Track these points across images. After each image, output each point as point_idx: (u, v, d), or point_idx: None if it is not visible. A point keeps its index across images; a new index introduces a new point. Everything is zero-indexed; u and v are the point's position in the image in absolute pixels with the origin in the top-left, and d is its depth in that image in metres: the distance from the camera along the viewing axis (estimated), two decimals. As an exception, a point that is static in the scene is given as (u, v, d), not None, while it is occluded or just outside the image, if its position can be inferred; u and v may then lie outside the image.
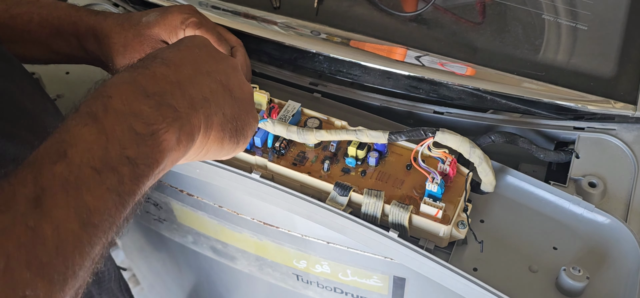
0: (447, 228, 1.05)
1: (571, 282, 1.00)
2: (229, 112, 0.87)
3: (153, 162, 0.74)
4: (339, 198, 1.09)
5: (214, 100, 0.84)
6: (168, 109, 0.77)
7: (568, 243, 1.09)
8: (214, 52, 0.91)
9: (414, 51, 1.31)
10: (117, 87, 0.75)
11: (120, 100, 0.73)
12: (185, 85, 0.81)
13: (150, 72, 0.79)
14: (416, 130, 1.10)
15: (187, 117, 0.79)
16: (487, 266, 1.06)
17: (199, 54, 0.88)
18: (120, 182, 0.71)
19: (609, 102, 1.23)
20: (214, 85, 0.85)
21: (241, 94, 0.90)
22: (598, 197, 1.14)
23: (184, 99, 0.80)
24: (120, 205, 0.71)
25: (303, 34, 1.35)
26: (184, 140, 0.78)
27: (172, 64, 0.82)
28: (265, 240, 1.29)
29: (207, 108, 0.83)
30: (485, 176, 1.09)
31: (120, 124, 0.72)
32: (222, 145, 0.87)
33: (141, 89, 0.76)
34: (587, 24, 1.33)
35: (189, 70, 0.83)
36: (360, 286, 1.26)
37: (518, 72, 1.26)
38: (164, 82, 0.79)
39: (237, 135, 0.89)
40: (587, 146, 1.22)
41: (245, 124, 0.90)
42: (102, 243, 0.71)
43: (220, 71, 0.88)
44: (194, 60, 0.86)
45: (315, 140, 1.16)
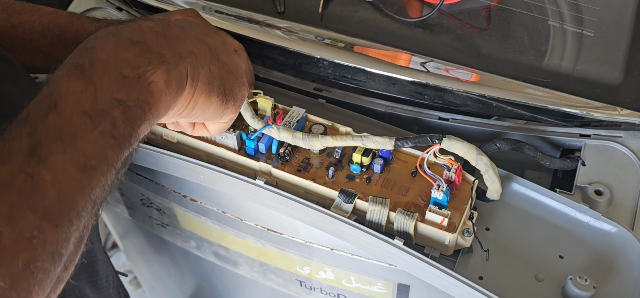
0: (452, 236, 1.04)
1: (578, 291, 0.99)
2: (216, 71, 0.91)
3: (144, 104, 0.78)
4: (344, 205, 1.09)
5: (200, 55, 0.88)
6: (154, 55, 0.81)
7: (574, 252, 1.08)
8: (205, 25, 0.97)
9: (419, 57, 1.30)
10: (101, 39, 0.79)
11: (105, 50, 0.77)
12: (171, 39, 0.85)
13: (136, 25, 0.83)
14: (422, 136, 1.09)
15: (174, 63, 0.83)
16: (492, 274, 1.06)
17: (189, 23, 0.93)
18: (113, 125, 0.74)
19: (616, 109, 1.22)
20: (201, 46, 0.90)
21: (229, 61, 0.95)
22: (604, 205, 1.14)
23: (170, 49, 0.83)
24: (116, 147, 0.75)
25: (307, 39, 1.35)
26: (173, 84, 0.82)
27: (159, 21, 0.86)
28: (269, 246, 1.29)
29: (194, 60, 0.87)
30: (492, 183, 1.09)
31: (107, 71, 0.75)
32: (210, 99, 0.91)
33: (125, 38, 0.80)
34: (593, 30, 1.33)
35: (176, 30, 0.87)
36: (364, 293, 1.26)
37: (524, 79, 1.25)
38: (149, 33, 0.83)
39: (226, 95, 0.93)
40: (593, 153, 1.21)
41: (235, 86, 0.95)
42: (102, 185, 0.74)
43: (208, 40, 0.93)
44: (183, 26, 0.90)
45: (321, 146, 1.15)
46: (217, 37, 0.97)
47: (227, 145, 1.18)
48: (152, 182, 1.34)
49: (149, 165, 1.23)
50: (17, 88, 1.01)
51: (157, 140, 1.23)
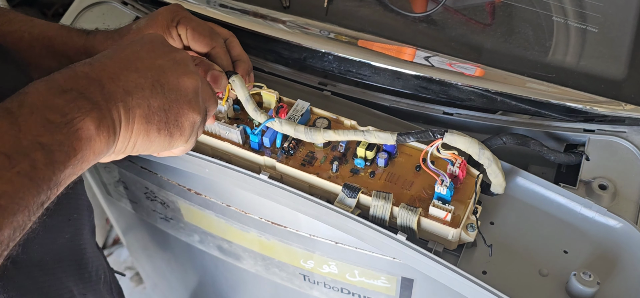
0: (456, 231, 1.04)
1: (581, 287, 0.99)
2: (156, 104, 0.89)
3: (70, 150, 0.78)
4: (347, 200, 1.09)
5: (137, 93, 0.87)
6: (85, 101, 0.80)
7: (579, 247, 1.08)
8: (159, 45, 0.94)
9: (423, 51, 1.30)
10: (35, 85, 0.79)
11: (36, 95, 0.77)
12: (105, 81, 0.84)
13: (70, 71, 0.83)
14: (425, 131, 1.09)
15: (106, 108, 0.82)
16: (496, 269, 1.06)
17: (137, 51, 0.91)
18: (32, 167, 0.74)
19: (620, 104, 1.22)
20: (140, 80, 0.88)
21: (177, 86, 0.92)
22: (608, 199, 1.14)
23: (102, 93, 0.83)
24: (33, 189, 0.74)
25: (312, 34, 1.35)
26: (104, 131, 0.82)
27: (97, 63, 0.86)
28: (273, 240, 1.29)
29: (129, 100, 0.86)
30: (495, 177, 1.09)
31: (34, 115, 0.75)
32: (149, 136, 0.90)
33: (57, 85, 0.80)
34: (597, 26, 1.33)
35: (114, 67, 0.87)
36: (368, 287, 1.26)
37: (528, 74, 1.26)
38: (83, 80, 0.82)
39: (169, 127, 0.91)
40: (597, 148, 1.21)
41: (180, 115, 0.92)
42: (12, 225, 0.72)
43: (155, 67, 0.91)
44: (126, 58, 0.89)
45: (323, 140, 1.15)
46: (168, 57, 0.94)
47: (231, 139, 1.18)
48: (156, 175, 1.34)
49: (154, 159, 1.23)
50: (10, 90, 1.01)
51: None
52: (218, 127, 1.19)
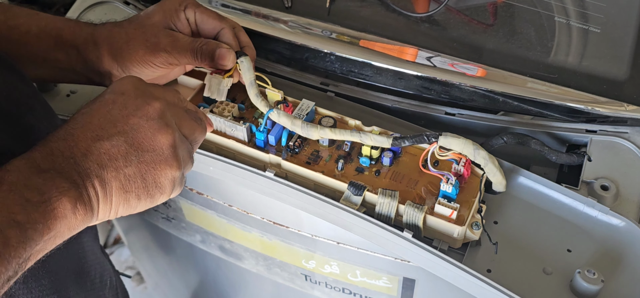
0: (461, 229, 1.05)
1: (586, 285, 1.00)
2: (131, 172, 0.87)
3: (44, 228, 0.78)
4: (353, 197, 1.09)
5: (112, 165, 0.86)
6: (62, 180, 0.80)
7: (582, 246, 1.09)
8: (130, 101, 0.91)
9: (425, 52, 1.31)
10: (16, 163, 0.79)
11: (17, 174, 0.78)
12: (78, 158, 0.83)
13: (47, 149, 0.82)
14: (419, 135, 1.10)
15: (83, 186, 0.82)
16: (501, 268, 1.06)
17: (109, 110, 0.89)
18: (5, 244, 0.74)
19: (622, 104, 1.23)
20: (113, 150, 0.86)
21: (152, 146, 0.89)
22: (610, 200, 1.14)
23: (77, 171, 0.83)
24: (2, 266, 0.74)
25: (314, 34, 1.35)
26: (81, 209, 0.82)
27: (69, 137, 0.85)
28: (275, 240, 1.29)
29: (103, 175, 0.85)
30: (494, 176, 1.09)
31: (12, 193, 0.76)
32: (129, 203, 0.89)
33: (36, 165, 0.80)
34: (600, 26, 1.33)
35: (86, 140, 0.85)
36: (369, 287, 1.26)
37: (530, 74, 1.26)
38: (59, 158, 0.82)
39: (149, 190, 0.90)
40: (599, 149, 1.22)
41: (159, 176, 0.90)
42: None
43: (127, 129, 0.88)
44: (98, 125, 0.87)
45: (319, 136, 1.15)
46: (141, 113, 0.90)
47: (237, 137, 1.18)
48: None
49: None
50: None
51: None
52: (224, 124, 1.19)
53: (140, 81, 0.94)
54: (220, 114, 1.20)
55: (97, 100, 0.91)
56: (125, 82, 0.93)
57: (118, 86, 0.92)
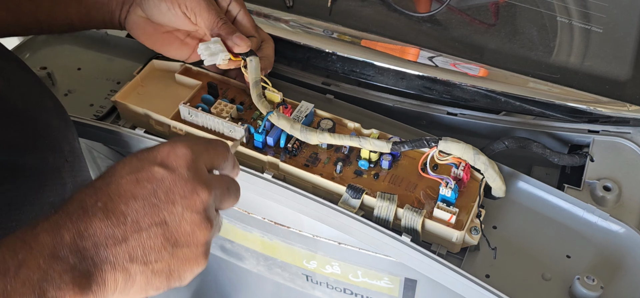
0: (460, 233, 1.04)
1: (585, 291, 0.99)
2: (160, 267, 0.80)
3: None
4: (351, 200, 1.09)
5: (142, 259, 0.78)
6: (82, 276, 0.74)
7: (582, 252, 1.08)
8: (179, 183, 0.82)
9: (427, 51, 1.30)
10: (42, 237, 0.73)
11: (38, 257, 0.71)
12: (111, 247, 0.76)
13: (82, 228, 0.75)
14: (419, 140, 1.10)
15: (105, 277, 0.76)
16: (499, 273, 1.06)
17: (154, 191, 0.81)
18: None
19: (624, 105, 1.22)
20: (149, 242, 0.79)
21: (188, 242, 0.82)
22: (613, 200, 1.14)
23: (103, 259, 0.76)
24: None
25: (316, 34, 1.35)
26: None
27: (110, 218, 0.77)
28: (276, 240, 1.29)
29: (130, 269, 0.78)
30: (493, 181, 1.09)
31: (25, 287, 0.70)
32: (146, 293, 0.82)
33: (64, 248, 0.73)
34: (602, 26, 1.33)
35: (128, 227, 0.78)
36: (371, 287, 1.26)
37: (532, 74, 1.26)
38: (90, 241, 0.75)
39: (170, 282, 0.82)
40: (601, 149, 1.22)
41: (184, 272, 0.82)
42: None
43: (170, 218, 0.81)
44: (143, 209, 0.79)
45: (317, 141, 1.15)
46: (188, 201, 0.82)
47: (235, 137, 1.18)
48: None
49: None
50: (6, 84, 1.00)
51: (165, 133, 1.24)
52: (222, 125, 1.19)
53: (197, 156, 0.85)
54: (219, 114, 1.20)
55: (145, 168, 0.82)
56: (180, 156, 0.84)
57: (172, 159, 0.83)
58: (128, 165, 0.82)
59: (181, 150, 0.84)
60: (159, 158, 0.83)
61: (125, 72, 1.38)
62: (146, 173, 0.81)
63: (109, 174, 0.81)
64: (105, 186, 0.79)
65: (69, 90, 1.35)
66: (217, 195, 0.86)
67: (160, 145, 0.85)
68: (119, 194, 0.79)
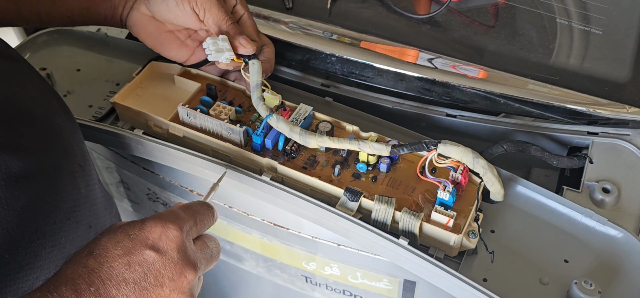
0: (457, 237, 1.04)
1: (583, 296, 0.99)
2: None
3: None
4: (349, 203, 1.09)
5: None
6: None
7: (580, 256, 1.08)
8: (170, 267, 0.85)
9: (426, 53, 1.31)
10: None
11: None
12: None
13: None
14: (418, 143, 1.09)
15: None
16: (497, 277, 1.06)
17: (145, 276, 0.83)
18: None
19: (624, 106, 1.23)
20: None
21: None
22: (612, 202, 1.14)
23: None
24: None
25: (315, 35, 1.35)
26: None
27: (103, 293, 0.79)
28: (275, 242, 1.29)
29: None
30: (492, 186, 1.09)
31: None
32: None
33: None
34: (602, 28, 1.33)
35: None
36: (370, 289, 1.26)
37: (531, 76, 1.26)
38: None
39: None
40: (600, 151, 1.22)
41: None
42: None
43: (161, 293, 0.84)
44: (133, 291, 0.82)
45: (317, 144, 1.15)
46: (172, 286, 0.85)
47: (233, 140, 1.18)
48: (158, 176, 1.34)
49: (156, 159, 1.23)
50: (21, 89, 1.00)
51: (164, 134, 1.24)
52: (220, 126, 1.19)
53: (184, 236, 0.88)
54: (217, 116, 1.20)
55: (137, 250, 0.83)
56: (170, 238, 0.86)
57: (163, 242, 0.85)
58: (120, 246, 0.83)
59: (172, 232, 0.86)
60: (150, 240, 0.85)
61: (125, 74, 1.38)
62: (137, 256, 0.83)
63: (101, 252, 0.82)
64: (98, 267, 0.80)
65: (68, 91, 1.36)
66: (202, 266, 0.90)
67: (152, 223, 0.86)
68: (111, 278, 0.80)
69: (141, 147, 1.22)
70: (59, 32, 1.50)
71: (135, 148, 1.23)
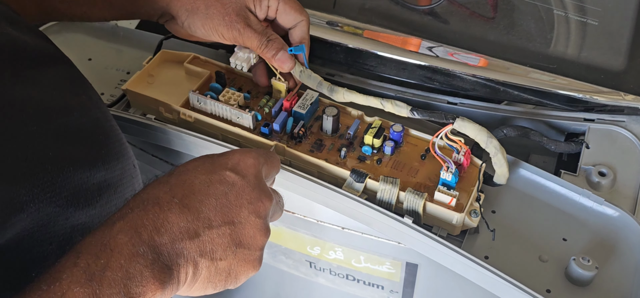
0: (460, 215, 1.07)
1: (580, 271, 1.02)
2: (223, 266, 0.85)
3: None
4: (355, 184, 1.12)
5: (210, 255, 0.83)
6: (161, 270, 0.77)
7: (578, 235, 1.11)
8: (247, 189, 0.88)
9: (428, 42, 1.33)
10: (121, 238, 0.76)
11: (120, 258, 0.74)
12: (187, 242, 0.80)
13: (158, 223, 0.79)
14: (438, 112, 1.12)
15: (177, 271, 0.79)
16: (498, 255, 1.08)
17: (226, 193, 0.86)
18: None
19: (619, 94, 1.25)
20: (218, 239, 0.84)
21: (250, 244, 0.88)
22: (608, 185, 1.17)
23: (177, 253, 0.79)
24: None
25: (320, 25, 1.38)
26: (168, 294, 0.78)
27: (185, 210, 0.82)
28: (280, 226, 1.31)
29: (199, 262, 0.82)
30: (500, 167, 1.12)
31: (112, 288, 0.71)
32: (205, 290, 0.86)
33: (142, 245, 0.76)
34: (598, 19, 1.36)
35: (200, 223, 0.83)
36: (373, 273, 1.29)
37: (530, 65, 1.29)
38: (167, 236, 0.79)
39: (227, 282, 0.87)
40: (597, 137, 1.25)
41: (242, 273, 0.88)
42: None
43: (236, 221, 0.86)
44: (214, 208, 0.85)
45: (344, 99, 1.19)
46: (254, 207, 0.88)
47: (242, 124, 1.21)
48: (167, 163, 1.37)
49: (167, 144, 1.25)
50: (88, 98, 1.02)
51: (175, 120, 1.26)
52: (230, 112, 1.21)
53: (261, 165, 0.93)
54: (227, 102, 1.22)
55: (217, 171, 0.88)
56: (249, 165, 0.90)
57: (242, 166, 0.90)
58: (201, 166, 0.88)
59: (250, 159, 0.91)
60: (229, 164, 0.89)
61: (135, 63, 1.41)
62: (218, 175, 0.87)
63: (182, 172, 0.87)
64: (180, 183, 0.84)
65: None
66: (273, 206, 0.93)
67: (231, 152, 0.92)
68: (194, 192, 0.84)
69: (153, 132, 1.24)
70: (71, 22, 1.52)
71: (147, 133, 1.25)
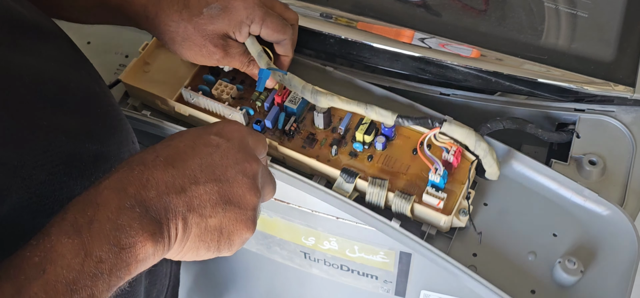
0: (447, 218, 1.08)
1: (565, 275, 1.04)
2: (214, 223, 0.85)
3: (126, 273, 0.75)
4: (345, 185, 1.13)
5: (199, 211, 0.83)
6: (150, 223, 0.77)
7: (568, 230, 1.13)
8: (232, 152, 0.89)
9: (420, 34, 1.34)
10: (107, 194, 0.76)
11: (106, 211, 0.74)
12: (173, 197, 0.81)
13: (144, 179, 0.79)
14: (424, 117, 1.13)
15: (167, 226, 0.79)
16: (486, 251, 1.10)
17: (211, 154, 0.87)
18: (91, 295, 0.71)
19: (609, 84, 1.26)
20: (205, 196, 0.84)
21: (239, 203, 0.88)
22: (598, 174, 1.19)
23: (165, 207, 0.79)
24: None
25: (313, 17, 1.39)
26: (159, 249, 0.78)
27: (170, 171, 0.82)
28: (275, 217, 1.33)
29: (188, 218, 0.82)
30: (490, 167, 1.13)
31: (100, 239, 0.72)
32: (198, 252, 0.86)
33: (129, 199, 0.77)
34: (588, 11, 1.37)
35: (186, 178, 0.83)
36: (367, 263, 1.30)
37: (522, 56, 1.30)
38: (152, 192, 0.79)
39: (220, 244, 0.87)
40: (587, 127, 1.26)
41: (234, 234, 0.88)
42: None
43: (223, 179, 0.87)
44: (198, 166, 0.85)
45: (327, 104, 1.19)
46: (240, 168, 0.89)
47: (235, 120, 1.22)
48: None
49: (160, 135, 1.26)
50: (86, 73, 1.04)
51: (170, 112, 1.27)
52: (221, 108, 1.22)
53: (246, 135, 0.93)
54: (219, 96, 1.24)
55: (202, 136, 0.89)
56: (234, 130, 0.92)
57: (226, 131, 0.91)
58: (185, 134, 0.90)
59: (234, 126, 0.93)
60: (214, 129, 0.91)
61: (134, 44, 1.41)
62: (203, 139, 0.89)
63: (167, 139, 0.88)
64: (165, 147, 0.86)
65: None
66: (263, 173, 0.94)
67: (215, 122, 0.96)
68: (178, 153, 0.85)
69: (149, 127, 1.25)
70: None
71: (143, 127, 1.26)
